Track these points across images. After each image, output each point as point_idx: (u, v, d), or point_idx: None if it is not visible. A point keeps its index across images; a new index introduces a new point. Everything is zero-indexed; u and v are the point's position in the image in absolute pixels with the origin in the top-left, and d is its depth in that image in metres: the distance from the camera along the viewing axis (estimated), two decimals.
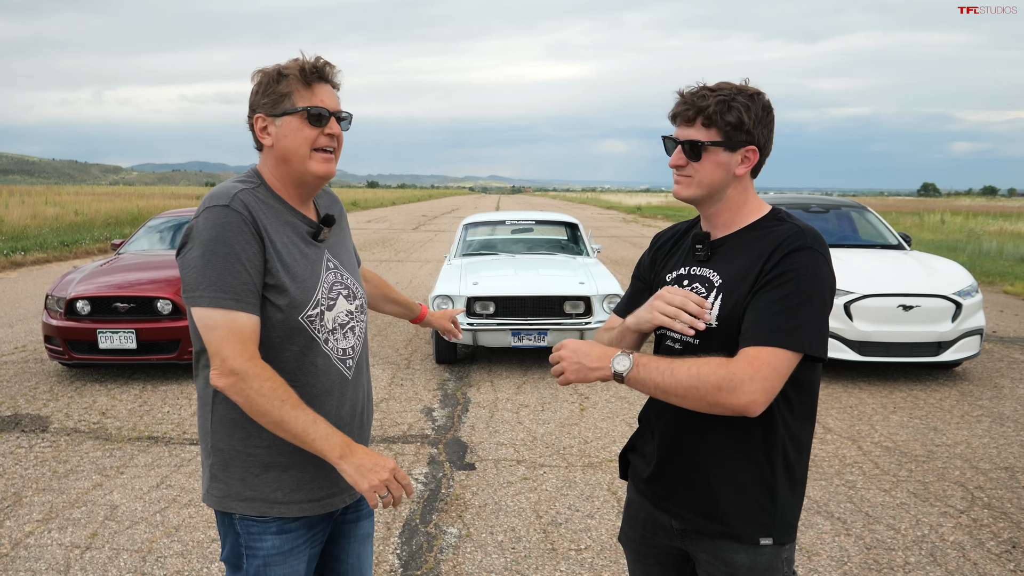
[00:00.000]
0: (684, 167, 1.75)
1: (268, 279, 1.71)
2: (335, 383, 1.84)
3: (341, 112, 1.82)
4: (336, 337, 1.84)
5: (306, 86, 1.76)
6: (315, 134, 1.77)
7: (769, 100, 1.73)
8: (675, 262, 1.88)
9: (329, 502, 1.87)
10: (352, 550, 2.06)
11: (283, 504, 1.80)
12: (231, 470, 1.79)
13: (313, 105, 1.76)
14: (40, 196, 38.57)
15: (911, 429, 5.56)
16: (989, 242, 20.17)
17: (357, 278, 1.99)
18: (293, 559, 1.85)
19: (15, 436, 5.33)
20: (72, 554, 3.66)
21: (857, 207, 8.84)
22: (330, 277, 1.85)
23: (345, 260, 1.96)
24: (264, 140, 1.78)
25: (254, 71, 1.79)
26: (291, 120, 1.75)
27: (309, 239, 1.84)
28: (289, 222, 1.80)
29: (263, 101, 1.76)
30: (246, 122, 1.83)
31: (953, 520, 4.06)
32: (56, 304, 6.69)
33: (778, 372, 1.58)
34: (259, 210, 1.73)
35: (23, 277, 14.00)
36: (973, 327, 6.67)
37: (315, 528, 1.90)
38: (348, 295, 1.90)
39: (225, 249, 1.65)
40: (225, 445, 1.79)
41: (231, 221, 1.67)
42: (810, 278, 1.62)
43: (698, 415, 1.71)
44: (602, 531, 3.92)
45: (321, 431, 1.67)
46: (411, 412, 5.93)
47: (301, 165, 1.78)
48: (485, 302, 7.01)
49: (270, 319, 1.72)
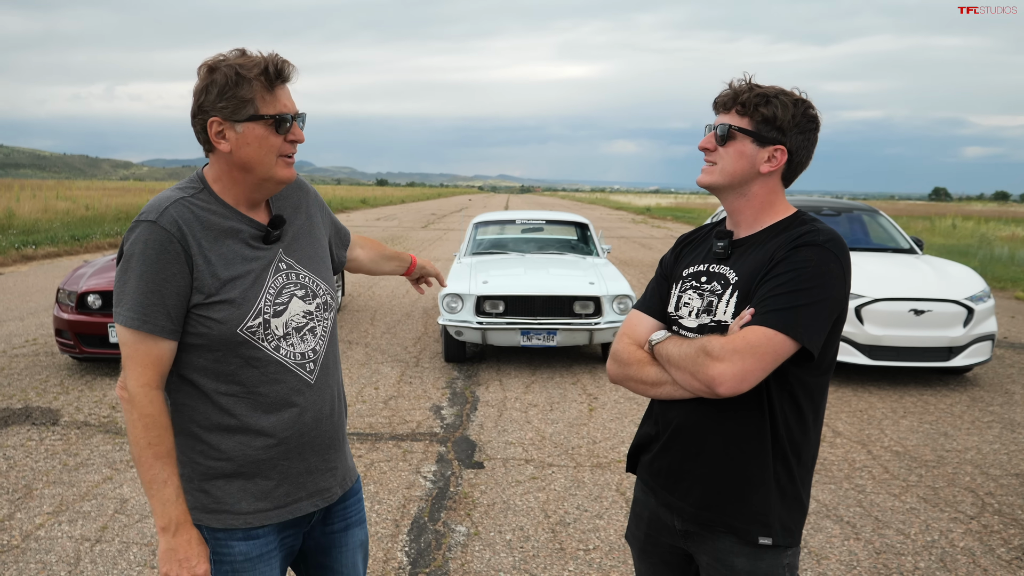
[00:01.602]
0: (711, 152, 1.76)
1: (197, 297, 1.66)
2: (293, 390, 1.77)
3: (299, 113, 1.75)
4: (291, 342, 1.76)
5: (269, 90, 1.66)
6: (280, 141, 1.69)
7: (816, 113, 1.73)
8: (694, 258, 1.88)
9: (296, 507, 1.82)
10: (347, 560, 2.00)
11: (248, 514, 1.76)
12: (193, 483, 1.76)
13: (279, 112, 1.67)
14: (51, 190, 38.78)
15: (921, 434, 5.54)
16: (1001, 247, 20.05)
17: (322, 274, 1.88)
18: (264, 564, 1.80)
19: (26, 429, 5.36)
20: (82, 547, 3.68)
21: (869, 210, 8.80)
22: (279, 280, 1.76)
23: (308, 255, 1.86)
24: (220, 145, 1.67)
25: (200, 65, 1.67)
26: (254, 127, 1.66)
27: (257, 243, 1.76)
28: (231, 229, 1.72)
29: (220, 104, 1.64)
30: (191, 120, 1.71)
31: (963, 526, 4.04)
32: (67, 298, 6.72)
33: (754, 349, 1.57)
34: (192, 224, 1.66)
35: (34, 271, 14.08)
36: (985, 332, 6.63)
37: (285, 531, 1.85)
38: (305, 295, 1.80)
39: (144, 269, 1.63)
40: (186, 458, 1.76)
41: (155, 240, 1.63)
42: (814, 272, 1.61)
43: (704, 409, 1.72)
44: (610, 531, 3.92)
45: (164, 494, 1.66)
46: (420, 410, 5.93)
47: (266, 172, 1.70)
48: (495, 301, 7.01)
49: (207, 334, 1.68)
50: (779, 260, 1.64)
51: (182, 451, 1.76)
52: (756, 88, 1.71)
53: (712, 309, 1.75)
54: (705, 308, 1.77)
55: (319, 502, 1.87)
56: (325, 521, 1.95)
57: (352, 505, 2.00)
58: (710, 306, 1.76)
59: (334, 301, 1.91)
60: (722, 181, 1.76)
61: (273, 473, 1.77)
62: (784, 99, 1.69)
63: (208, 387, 1.72)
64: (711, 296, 1.77)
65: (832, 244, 1.65)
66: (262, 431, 1.74)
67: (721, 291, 1.74)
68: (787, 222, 1.75)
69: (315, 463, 1.84)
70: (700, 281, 1.81)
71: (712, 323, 1.74)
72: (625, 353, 1.86)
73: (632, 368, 1.83)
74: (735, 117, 1.73)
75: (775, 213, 1.77)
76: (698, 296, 1.80)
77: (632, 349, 1.85)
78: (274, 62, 1.66)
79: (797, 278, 1.60)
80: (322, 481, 1.87)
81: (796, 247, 1.64)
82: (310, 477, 1.84)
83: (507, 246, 9.16)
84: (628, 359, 1.84)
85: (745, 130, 1.71)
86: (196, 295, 1.66)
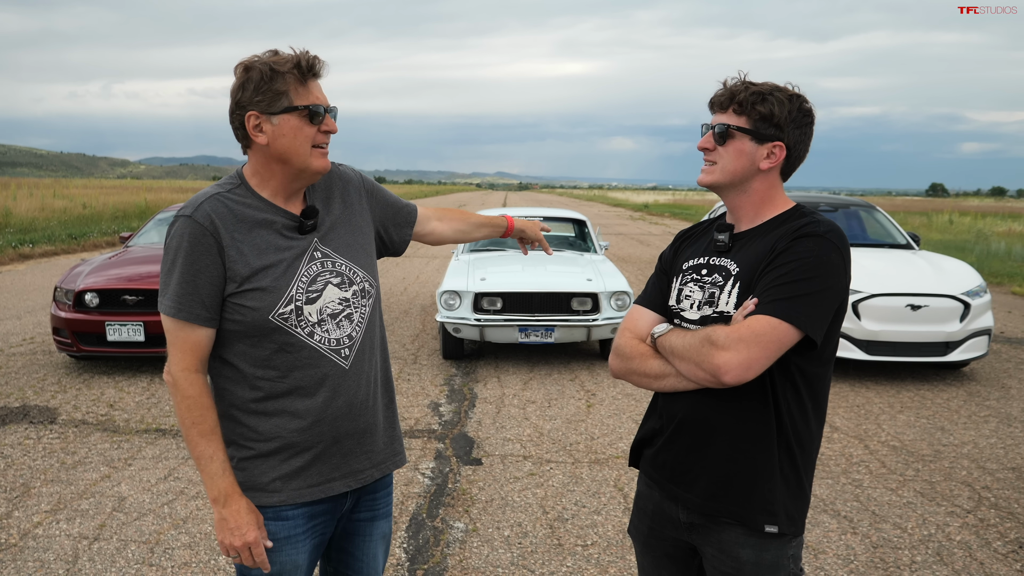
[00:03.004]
0: (711, 151, 1.78)
1: (231, 287, 1.75)
2: (327, 375, 1.83)
3: (332, 107, 1.83)
4: (325, 328, 1.83)
5: (302, 83, 1.75)
6: (314, 132, 1.77)
7: (811, 107, 1.75)
8: (694, 251, 1.90)
9: (328, 487, 1.88)
10: (369, 549, 2.05)
11: (279, 492, 1.83)
12: (232, 462, 1.84)
13: (312, 103, 1.76)
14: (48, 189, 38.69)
15: (918, 429, 5.55)
16: (997, 243, 20.08)
17: (361, 261, 1.94)
18: (291, 547, 1.86)
19: (23, 427, 5.36)
20: (80, 545, 3.68)
21: (866, 206, 8.82)
22: (313, 268, 1.83)
23: (346, 243, 1.92)
24: (257, 138, 1.76)
25: (237, 64, 1.76)
26: (289, 119, 1.74)
27: (292, 233, 1.83)
28: (265, 220, 1.80)
29: (256, 99, 1.73)
30: (229, 118, 1.79)
31: (960, 520, 4.05)
32: (65, 296, 6.72)
33: (759, 338, 1.59)
34: (227, 217, 1.76)
35: (31, 269, 14.06)
36: (981, 327, 6.64)
37: (316, 519, 1.90)
38: (341, 283, 1.87)
39: (182, 261, 1.73)
40: (227, 440, 1.85)
41: (190, 233, 1.73)
42: (814, 262, 1.63)
43: (708, 401, 1.73)
44: (608, 527, 3.93)
45: (211, 469, 1.77)
46: (418, 407, 5.94)
47: (302, 163, 1.78)
48: (492, 298, 7.01)
49: (242, 320, 1.77)
50: (780, 251, 1.66)
51: (224, 434, 1.84)
52: (751, 86, 1.73)
53: (714, 300, 1.76)
54: (707, 300, 1.78)
55: (351, 483, 1.92)
56: (355, 509, 2.01)
57: (382, 498, 2.06)
58: (712, 298, 1.77)
59: (373, 288, 1.95)
60: (723, 180, 1.78)
61: (307, 454, 1.84)
62: (779, 95, 1.71)
63: (247, 370, 1.80)
64: (713, 288, 1.78)
65: (832, 235, 1.67)
66: (296, 413, 1.81)
67: (723, 282, 1.76)
68: (787, 215, 1.77)
69: (349, 446, 1.90)
70: (701, 274, 1.82)
71: (715, 314, 1.75)
72: (627, 347, 1.87)
73: (635, 362, 1.84)
74: (732, 116, 1.74)
75: (775, 207, 1.79)
76: (699, 288, 1.81)
77: (634, 343, 1.86)
78: (306, 57, 1.76)
79: (799, 268, 1.62)
80: (355, 463, 1.92)
81: (797, 238, 1.66)
82: (344, 459, 1.89)
83: (505, 243, 9.17)
84: (631, 353, 1.85)
85: (743, 128, 1.73)
86: (230, 284, 1.76)
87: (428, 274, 13.73)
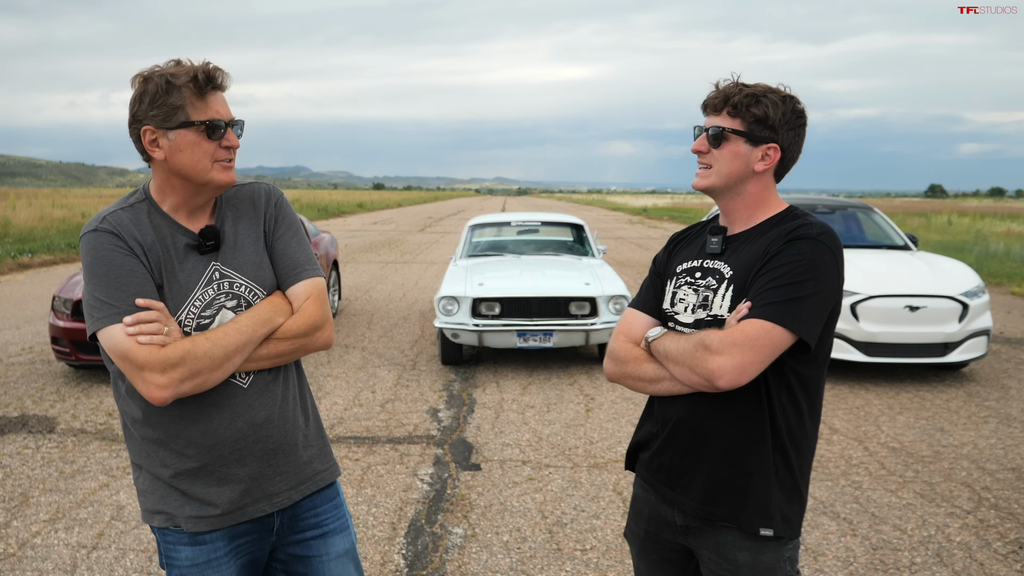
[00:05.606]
0: (705, 155, 1.78)
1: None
2: (223, 395, 1.74)
3: (235, 120, 1.75)
4: None
5: (199, 97, 1.67)
6: (213, 147, 1.70)
7: (803, 108, 1.75)
8: (687, 254, 1.90)
9: (240, 512, 1.80)
10: (332, 570, 1.93)
11: (189, 519, 1.76)
12: (145, 484, 1.80)
13: (209, 118, 1.68)
14: (47, 198, 38.73)
15: (917, 430, 5.55)
16: (996, 243, 20.09)
17: (266, 280, 1.82)
18: (214, 571, 1.79)
19: (22, 437, 5.36)
20: (79, 554, 3.67)
21: (864, 208, 8.82)
22: (209, 293, 1.74)
23: (252, 262, 1.81)
24: (154, 153, 1.69)
25: (134, 76, 1.69)
26: (186, 134, 1.67)
27: (191, 253, 1.75)
28: (166, 238, 1.73)
29: (152, 113, 1.66)
30: (128, 130, 1.72)
31: (960, 521, 4.05)
32: (63, 305, 6.71)
33: (752, 342, 1.60)
34: (130, 230, 1.69)
35: (30, 279, 14.06)
36: (980, 328, 6.64)
37: (239, 539, 1.83)
38: (236, 305, 1.77)
39: (105, 268, 1.65)
40: (141, 461, 1.79)
41: (102, 242, 1.66)
42: (807, 265, 1.64)
43: (703, 404, 1.73)
44: (607, 531, 3.92)
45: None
46: (417, 413, 5.93)
47: (202, 178, 1.71)
48: (491, 303, 7.01)
49: None
50: (773, 254, 1.67)
51: (136, 454, 1.80)
52: (745, 88, 1.73)
53: (708, 304, 1.77)
54: (701, 303, 1.78)
55: (266, 507, 1.83)
56: (294, 529, 1.90)
57: (326, 512, 1.94)
58: (706, 301, 1.77)
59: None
60: (718, 183, 1.78)
61: (211, 480, 1.77)
62: (773, 97, 1.71)
63: (140, 399, 1.73)
64: (706, 291, 1.78)
65: (825, 237, 1.67)
66: (191, 440, 1.74)
67: (716, 286, 1.76)
68: (780, 217, 1.77)
69: (258, 468, 1.81)
70: (695, 277, 1.83)
71: (708, 318, 1.76)
72: (622, 351, 1.87)
73: (629, 366, 1.84)
74: (726, 119, 1.74)
75: (768, 209, 1.79)
76: (693, 292, 1.81)
77: (629, 347, 1.86)
78: (204, 70, 1.68)
79: (792, 271, 1.63)
80: (269, 486, 1.83)
81: (790, 241, 1.67)
82: (255, 483, 1.81)
83: (503, 248, 9.16)
84: (625, 357, 1.86)
85: (738, 131, 1.73)
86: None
87: (426, 280, 13.73)
